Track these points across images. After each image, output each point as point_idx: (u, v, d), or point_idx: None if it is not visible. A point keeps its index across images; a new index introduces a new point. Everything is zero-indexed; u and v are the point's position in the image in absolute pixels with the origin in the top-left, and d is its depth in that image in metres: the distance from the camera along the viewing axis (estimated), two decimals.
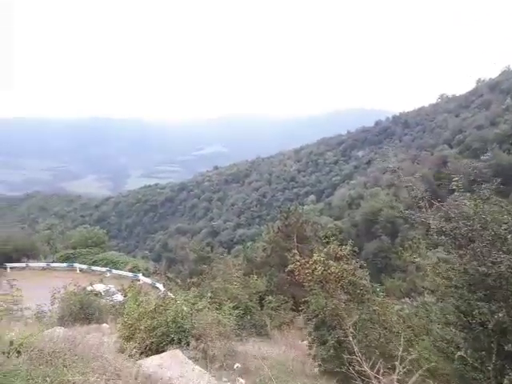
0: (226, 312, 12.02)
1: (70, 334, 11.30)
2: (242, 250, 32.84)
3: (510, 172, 60.38)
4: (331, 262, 9.01)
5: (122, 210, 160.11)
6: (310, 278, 9.04)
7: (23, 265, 36.33)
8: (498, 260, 5.72)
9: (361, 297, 9.32)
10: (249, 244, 37.37)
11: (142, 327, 9.36)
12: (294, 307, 18.40)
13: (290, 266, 9.92)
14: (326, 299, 8.77)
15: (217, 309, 11.74)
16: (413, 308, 11.27)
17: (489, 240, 6.02)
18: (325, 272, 8.73)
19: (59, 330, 12.89)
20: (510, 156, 72.78)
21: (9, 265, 35.27)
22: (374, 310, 9.19)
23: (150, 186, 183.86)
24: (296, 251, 15.68)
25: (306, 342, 11.32)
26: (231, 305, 13.15)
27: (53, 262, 37.49)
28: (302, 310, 10.79)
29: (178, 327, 9.41)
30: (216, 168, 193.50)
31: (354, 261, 9.85)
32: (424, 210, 7.12)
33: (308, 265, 9.14)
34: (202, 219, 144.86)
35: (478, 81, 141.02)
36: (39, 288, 23.73)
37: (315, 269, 8.86)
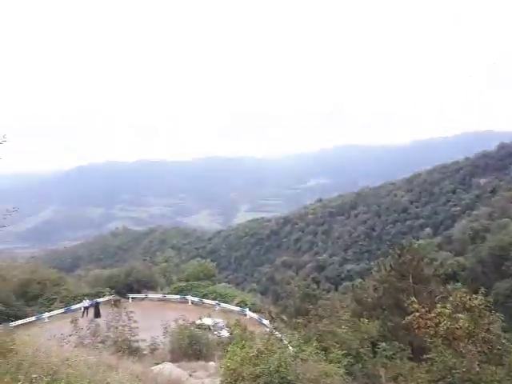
0: (335, 360, 11.03)
1: (176, 374, 11.41)
2: (351, 289, 30.98)
3: None
4: (459, 316, 7.56)
5: (231, 242, 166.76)
6: (432, 332, 7.69)
7: (143, 295, 39.20)
8: None
9: (499, 358, 7.63)
10: (358, 282, 35.23)
11: (245, 374, 8.91)
12: (411, 356, 16.34)
13: (408, 318, 8.62)
14: (455, 359, 7.31)
15: (324, 355, 10.82)
16: None
17: None
18: (452, 327, 7.33)
19: (168, 366, 13.16)
20: None
21: (131, 295, 38.41)
22: None
23: (256, 219, 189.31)
24: (413, 296, 13.92)
25: None
26: (340, 352, 12.09)
27: (168, 293, 39.76)
28: (422, 362, 9.30)
29: (282, 378, 8.74)
30: (320, 200, 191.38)
31: (488, 313, 8.16)
32: None
33: (430, 316, 7.80)
34: (307, 253, 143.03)
35: None
36: (154, 319, 25.12)
37: (439, 322, 7.50)
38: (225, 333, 23.14)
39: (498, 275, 61.07)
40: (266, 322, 29.52)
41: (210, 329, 23.50)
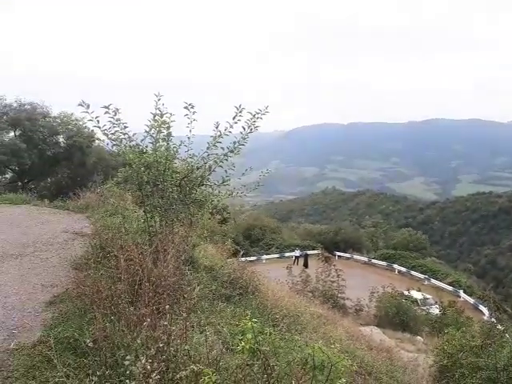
0: None
1: (386, 341, 11.33)
2: None
3: None
4: None
5: (447, 216, 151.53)
6: None
7: (348, 255, 40.25)
8: None
9: None
10: None
11: (464, 362, 8.08)
12: None
13: None
14: None
15: None
16: None
17: None
18: None
19: (375, 331, 13.26)
20: None
21: (337, 253, 39.95)
22: None
23: (482, 193, 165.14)
24: None
25: None
26: None
27: (374, 258, 39.61)
28: None
29: (510, 378, 7.53)
30: None
31: None
32: None
33: None
34: None
35: None
36: (359, 280, 25.58)
37: None
38: (435, 310, 21.63)
39: None
40: (483, 308, 26.17)
41: (418, 303, 22.41)
